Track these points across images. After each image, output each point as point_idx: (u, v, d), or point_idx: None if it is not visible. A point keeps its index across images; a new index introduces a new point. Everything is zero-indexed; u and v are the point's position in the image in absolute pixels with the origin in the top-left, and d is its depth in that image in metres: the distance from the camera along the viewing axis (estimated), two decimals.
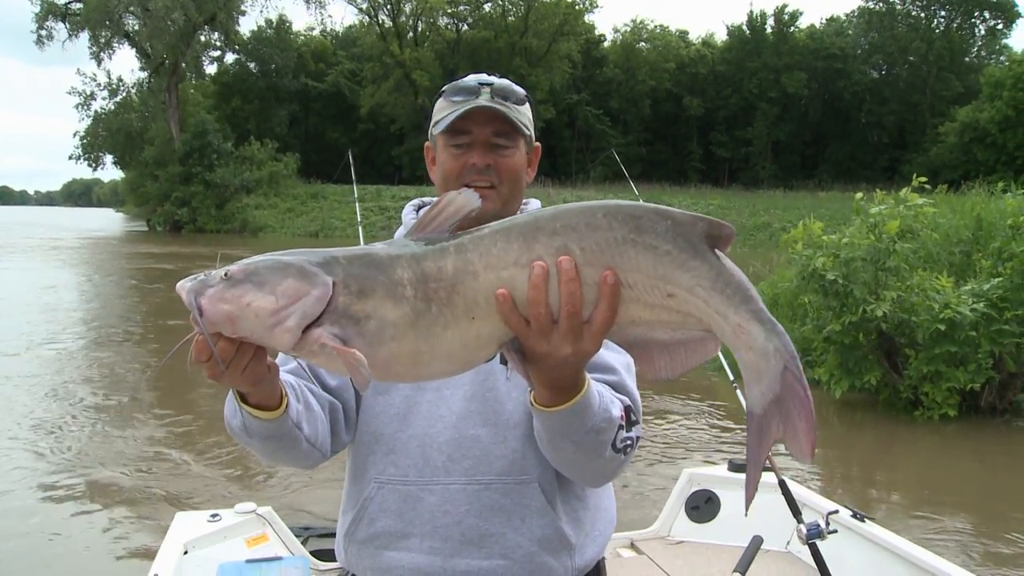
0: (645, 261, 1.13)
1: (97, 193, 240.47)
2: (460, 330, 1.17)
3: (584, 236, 1.14)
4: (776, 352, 1.13)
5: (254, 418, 1.42)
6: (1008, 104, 48.51)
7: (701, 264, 1.12)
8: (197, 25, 52.44)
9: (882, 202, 8.63)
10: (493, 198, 1.72)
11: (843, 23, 66.40)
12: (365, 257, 1.18)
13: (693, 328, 1.16)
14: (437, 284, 1.16)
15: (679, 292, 1.13)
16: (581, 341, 1.18)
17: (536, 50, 59.65)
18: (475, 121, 1.72)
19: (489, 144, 1.73)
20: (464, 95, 1.73)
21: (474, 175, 1.72)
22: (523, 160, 1.80)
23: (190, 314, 1.14)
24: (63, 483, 6.82)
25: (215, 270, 1.16)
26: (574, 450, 1.48)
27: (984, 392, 8.48)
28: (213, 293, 1.13)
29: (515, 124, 1.73)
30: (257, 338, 1.15)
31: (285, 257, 1.18)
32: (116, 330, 14.88)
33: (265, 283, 1.14)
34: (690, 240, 1.12)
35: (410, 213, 1.89)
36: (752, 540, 3.20)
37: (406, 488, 1.68)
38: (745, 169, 62.24)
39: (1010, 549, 5.92)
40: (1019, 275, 8.24)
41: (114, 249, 38.49)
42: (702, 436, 8.29)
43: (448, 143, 1.75)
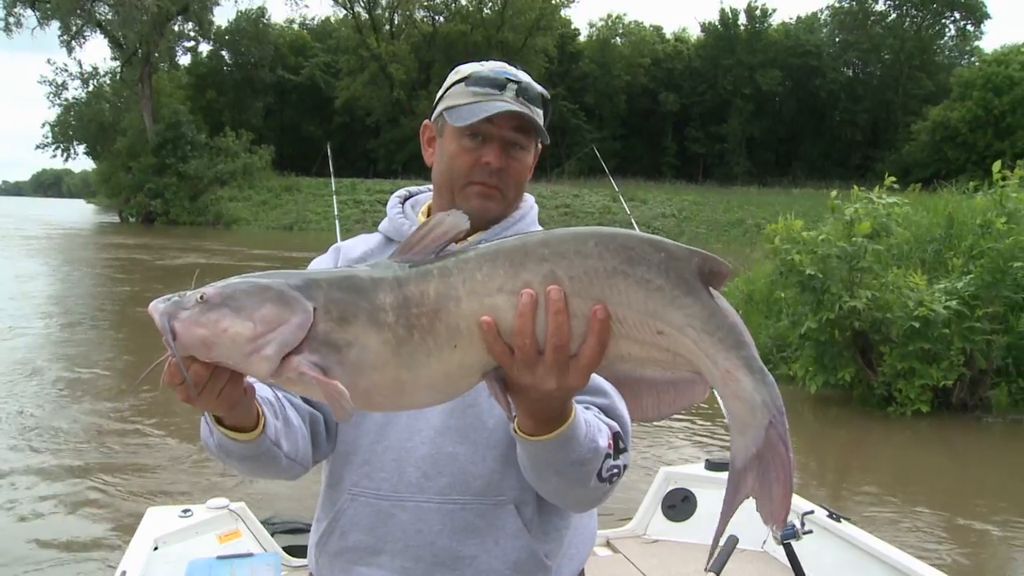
0: (636, 295, 1.07)
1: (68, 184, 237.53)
2: (443, 359, 1.11)
3: (573, 264, 1.08)
4: (763, 405, 1.06)
5: (231, 440, 1.37)
6: (978, 104, 49.13)
7: (694, 302, 1.06)
8: (170, 15, 51.88)
9: (857, 199, 8.69)
10: (498, 199, 1.69)
11: (816, 21, 66.86)
12: (346, 281, 1.12)
13: (683, 369, 1.10)
14: (419, 310, 1.10)
15: (669, 330, 1.07)
16: (567, 376, 1.12)
17: (512, 44, 59.53)
18: (498, 117, 1.63)
19: (505, 143, 1.65)
20: (489, 87, 1.63)
21: (485, 175, 1.65)
22: (532, 162, 1.76)
23: (162, 336, 1.09)
24: (30, 477, 6.73)
25: (190, 291, 1.12)
26: (558, 480, 1.43)
27: (956, 389, 8.57)
28: (188, 316, 1.08)
29: (537, 129, 1.66)
30: (233, 364, 1.11)
31: (264, 280, 1.13)
32: (86, 322, 14.73)
33: (243, 308, 1.09)
34: (683, 275, 1.06)
35: (396, 206, 1.85)
36: (727, 539, 3.19)
37: (379, 503, 1.62)
38: (719, 165, 62.51)
39: (980, 541, 6.03)
40: (989, 273, 8.33)
41: (86, 240, 38.05)
42: (679, 434, 8.32)
43: (462, 133, 1.65)
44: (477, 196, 1.67)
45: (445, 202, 1.71)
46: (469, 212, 1.52)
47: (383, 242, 1.81)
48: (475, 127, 1.62)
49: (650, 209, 41.20)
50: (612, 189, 42.65)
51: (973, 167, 44.81)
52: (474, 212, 1.59)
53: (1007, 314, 8.49)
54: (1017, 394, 8.92)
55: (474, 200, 1.66)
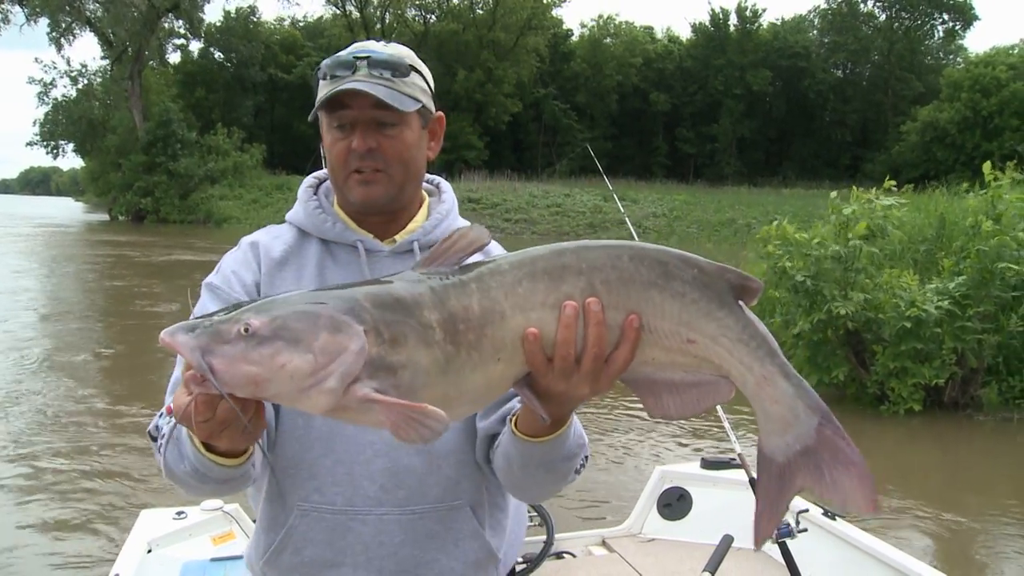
0: (671, 307, 1.12)
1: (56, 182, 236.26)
2: (486, 372, 1.13)
3: (609, 278, 1.12)
4: (807, 409, 1.13)
5: (217, 465, 1.30)
6: (966, 105, 49.40)
7: (728, 315, 1.13)
8: (160, 12, 51.66)
9: (856, 199, 8.74)
10: (384, 182, 1.62)
11: (805, 21, 67.06)
12: (389, 299, 1.09)
13: (707, 373, 1.15)
14: (465, 326, 1.10)
15: (702, 339, 1.13)
16: (599, 382, 1.16)
17: (504, 44, 59.52)
18: (354, 97, 1.57)
19: (372, 122, 1.58)
20: (340, 70, 1.58)
21: (358, 161, 1.60)
22: (415, 137, 1.65)
23: (191, 371, 1.01)
24: (22, 479, 6.69)
25: (218, 317, 1.03)
26: (544, 476, 1.47)
27: (947, 387, 8.62)
28: (233, 353, 1.00)
29: (397, 98, 1.56)
30: (284, 400, 1.04)
31: (311, 306, 1.06)
32: (76, 320, 14.65)
33: (299, 340, 1.02)
34: (716, 290, 1.13)
35: (311, 197, 1.75)
36: (723, 539, 3.20)
37: (334, 517, 1.57)
38: (710, 165, 62.63)
39: (972, 537, 6.07)
40: (979, 273, 8.38)
41: (76, 238, 37.87)
42: (674, 433, 8.33)
43: (330, 124, 1.62)
44: (357, 184, 1.62)
45: (340, 197, 1.71)
46: (356, 202, 1.65)
47: (298, 236, 1.72)
48: (340, 116, 1.59)
49: (641, 209, 41.19)
50: (603, 188, 42.79)
51: (962, 168, 45.08)
52: (360, 200, 1.63)
53: (997, 314, 8.53)
54: (1007, 392, 8.96)
55: (356, 188, 1.63)
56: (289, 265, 1.67)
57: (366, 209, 1.67)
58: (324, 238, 1.70)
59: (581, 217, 41.02)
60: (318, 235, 1.70)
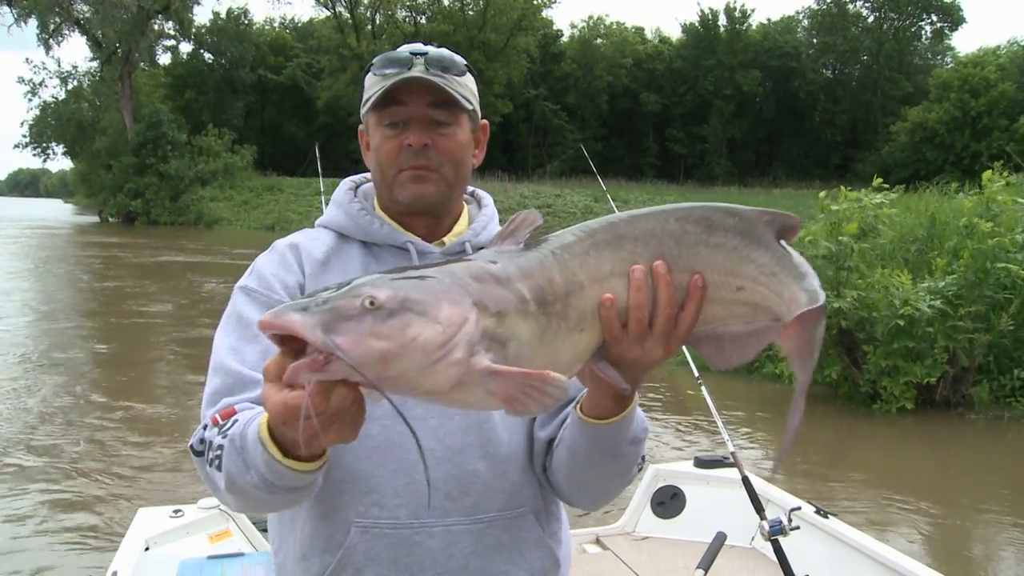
0: (718, 259, 1.16)
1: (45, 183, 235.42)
2: (572, 343, 1.13)
3: (664, 241, 1.16)
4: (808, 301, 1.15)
5: (294, 472, 1.17)
6: (955, 105, 49.63)
7: (764, 254, 1.16)
8: (150, 13, 51.50)
9: (846, 199, 8.78)
10: (436, 180, 1.58)
11: (794, 22, 67.25)
12: (484, 273, 1.07)
13: (762, 318, 1.18)
14: (553, 297, 1.10)
15: (747, 284, 1.17)
16: (670, 343, 1.18)
17: (494, 44, 59.51)
18: (409, 94, 1.54)
19: (427, 120, 1.55)
20: (395, 67, 1.54)
21: (412, 158, 1.56)
22: (467, 139, 1.62)
23: (304, 360, 0.94)
24: (18, 477, 6.67)
25: (326, 293, 0.97)
26: (612, 465, 1.46)
27: (939, 386, 8.66)
28: (360, 329, 0.94)
29: (453, 96, 1.55)
30: (408, 377, 0.98)
31: (428, 278, 1.03)
32: (70, 319, 14.61)
33: (427, 310, 0.98)
34: (755, 233, 1.17)
35: (353, 199, 1.71)
36: (716, 536, 3.22)
37: (398, 532, 1.48)
38: (700, 166, 62.73)
39: (964, 535, 6.12)
40: (972, 273, 8.42)
41: (67, 240, 37.73)
42: (667, 431, 8.36)
43: (380, 122, 1.58)
44: (409, 181, 1.58)
45: (385, 197, 1.67)
46: (407, 200, 1.60)
47: (337, 239, 1.67)
48: (385, 101, 1.54)
49: (632, 209, 41.26)
50: (594, 189, 42.84)
51: (951, 168, 45.29)
52: (411, 198, 1.59)
53: (988, 313, 8.58)
54: (998, 391, 9.01)
55: (408, 186, 1.58)
56: (332, 267, 1.61)
57: (416, 208, 1.62)
58: (368, 240, 1.65)
59: (572, 218, 41.05)
60: (361, 237, 1.66)
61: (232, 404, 1.40)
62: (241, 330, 1.52)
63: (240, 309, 1.55)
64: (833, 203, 8.80)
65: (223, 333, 1.55)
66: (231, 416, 1.35)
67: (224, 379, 1.46)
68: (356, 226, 1.66)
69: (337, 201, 1.72)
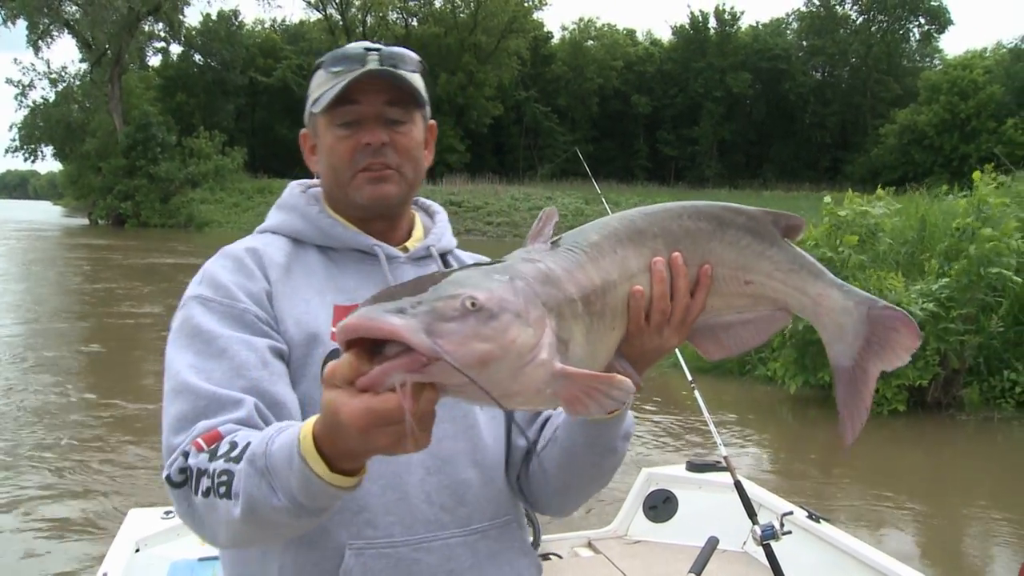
0: (729, 254, 1.23)
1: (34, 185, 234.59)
2: (607, 340, 1.16)
3: (678, 237, 1.22)
4: (857, 304, 1.24)
5: (336, 488, 1.06)
6: (944, 108, 49.91)
7: (778, 251, 1.24)
8: (140, 15, 51.34)
9: (851, 203, 8.88)
10: (396, 180, 1.52)
11: (784, 24, 67.53)
12: (540, 275, 1.05)
13: (762, 308, 1.27)
14: (596, 297, 1.11)
15: (757, 278, 1.25)
16: (682, 332, 1.24)
17: (485, 47, 59.58)
18: (364, 92, 1.47)
19: (382, 119, 1.49)
20: (347, 64, 1.48)
21: (369, 157, 1.49)
22: (421, 137, 1.57)
23: (399, 360, 0.89)
24: (7, 478, 6.62)
25: (424, 295, 0.94)
26: (605, 461, 1.48)
27: (930, 388, 8.69)
28: (463, 330, 0.91)
29: (412, 91, 1.50)
30: (501, 380, 0.94)
31: (507, 279, 1.01)
32: (59, 320, 14.54)
33: (520, 312, 0.97)
34: (764, 231, 1.25)
35: (311, 202, 1.61)
36: (708, 541, 3.20)
37: (396, 551, 1.40)
38: (691, 168, 62.91)
39: (956, 538, 6.14)
40: (966, 276, 8.46)
41: (56, 242, 37.58)
42: (660, 435, 8.35)
43: (333, 123, 1.51)
44: (368, 182, 1.51)
45: (339, 202, 1.58)
46: (366, 202, 1.53)
47: (292, 244, 1.57)
48: (347, 112, 1.48)
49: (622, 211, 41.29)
50: (585, 191, 42.89)
51: (940, 169, 45.54)
52: (371, 200, 1.52)
53: (979, 315, 8.61)
54: (988, 392, 9.05)
55: (367, 188, 1.51)
56: (294, 273, 1.52)
57: (375, 210, 1.56)
58: (328, 245, 1.57)
59: (564, 220, 40.63)
60: (321, 242, 1.57)
61: (214, 427, 1.25)
62: (201, 345, 1.37)
63: (198, 321, 1.41)
64: (839, 208, 8.88)
65: (179, 349, 1.39)
66: (218, 440, 1.23)
67: (193, 401, 1.31)
68: (316, 230, 1.57)
69: (290, 205, 1.63)
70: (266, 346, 1.39)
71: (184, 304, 1.46)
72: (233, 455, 1.17)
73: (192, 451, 1.23)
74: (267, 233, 1.62)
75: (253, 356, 1.36)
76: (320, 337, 1.43)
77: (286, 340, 1.42)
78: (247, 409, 1.30)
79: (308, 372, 1.42)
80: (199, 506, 1.21)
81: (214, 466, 1.19)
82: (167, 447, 1.30)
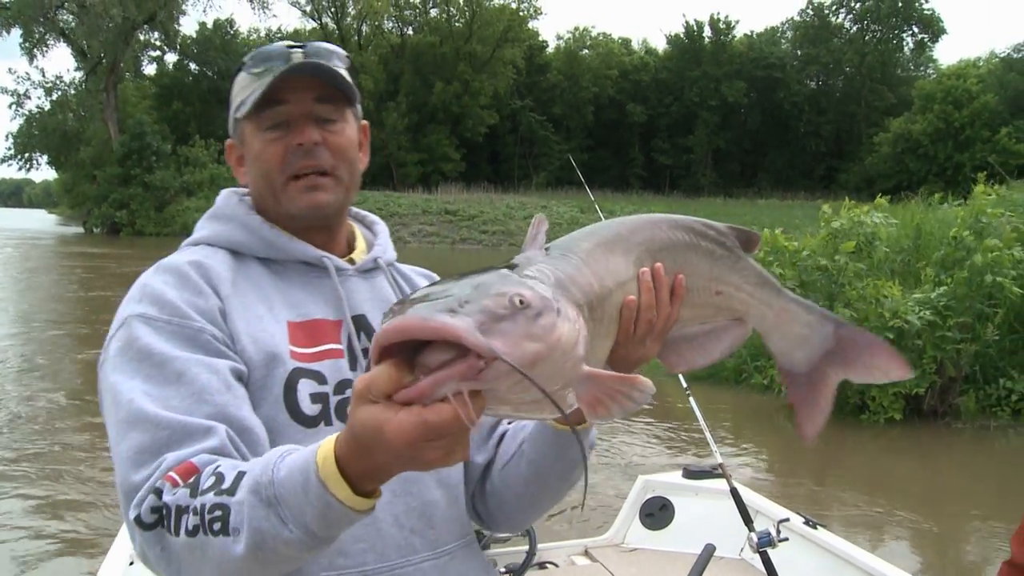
0: (704, 265, 1.28)
1: (28, 194, 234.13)
2: (604, 348, 1.18)
3: (661, 246, 1.25)
4: (822, 320, 1.32)
5: (355, 512, 1.01)
6: (938, 117, 50.16)
7: (745, 265, 1.30)
8: (136, 24, 51.38)
9: (847, 211, 8.92)
10: (332, 187, 1.43)
11: (778, 33, 67.76)
12: (552, 279, 1.03)
13: (723, 319, 1.32)
14: (596, 302, 1.10)
15: (727, 289, 1.30)
16: (661, 341, 1.25)
17: (481, 56, 59.71)
18: (290, 90, 1.38)
19: (313, 118, 1.40)
20: (270, 63, 1.39)
21: (302, 159, 1.40)
22: (355, 136, 1.48)
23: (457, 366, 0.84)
24: (2, 485, 6.59)
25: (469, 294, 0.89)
26: (576, 471, 1.45)
27: (927, 396, 8.69)
28: (515, 329, 0.87)
29: (343, 86, 1.41)
30: (547, 377, 0.90)
31: (541, 279, 1.00)
32: (54, 328, 14.50)
33: (562, 310, 0.95)
34: (731, 245, 1.30)
35: (250, 211, 1.49)
36: (704, 548, 3.19)
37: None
38: (686, 176, 63.02)
39: (953, 545, 6.15)
40: (963, 285, 8.48)
41: (52, 250, 37.50)
42: (656, 442, 8.34)
43: (260, 127, 1.41)
44: (303, 190, 1.42)
45: (269, 212, 1.48)
46: (301, 211, 1.43)
47: (231, 257, 1.45)
48: (274, 114, 1.39)
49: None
50: (580, 200, 42.92)
51: (935, 178, 45.68)
52: (307, 208, 1.43)
53: (975, 323, 8.63)
54: (984, 401, 9.04)
55: (301, 196, 1.42)
56: (241, 288, 1.41)
57: (311, 220, 1.46)
58: (271, 257, 1.47)
59: (559, 228, 41.00)
60: (263, 254, 1.46)
61: (185, 459, 1.14)
62: (151, 369, 1.25)
63: (145, 343, 1.27)
64: (835, 217, 8.94)
65: (124, 375, 1.26)
66: (195, 473, 1.12)
67: (153, 432, 1.18)
68: (259, 241, 1.46)
69: (227, 214, 1.50)
70: (227, 368, 1.28)
71: (123, 324, 1.33)
72: (224, 488, 1.07)
73: (166, 487, 1.11)
74: (202, 245, 1.48)
75: (215, 379, 1.25)
76: (280, 356, 1.34)
77: (244, 360, 1.32)
78: (219, 438, 1.19)
79: (269, 394, 1.32)
80: (178, 547, 1.09)
81: (201, 501, 1.07)
82: (127, 486, 1.17)
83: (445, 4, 61.16)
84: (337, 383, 1.38)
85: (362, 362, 1.42)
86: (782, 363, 1.35)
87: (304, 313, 1.42)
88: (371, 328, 1.46)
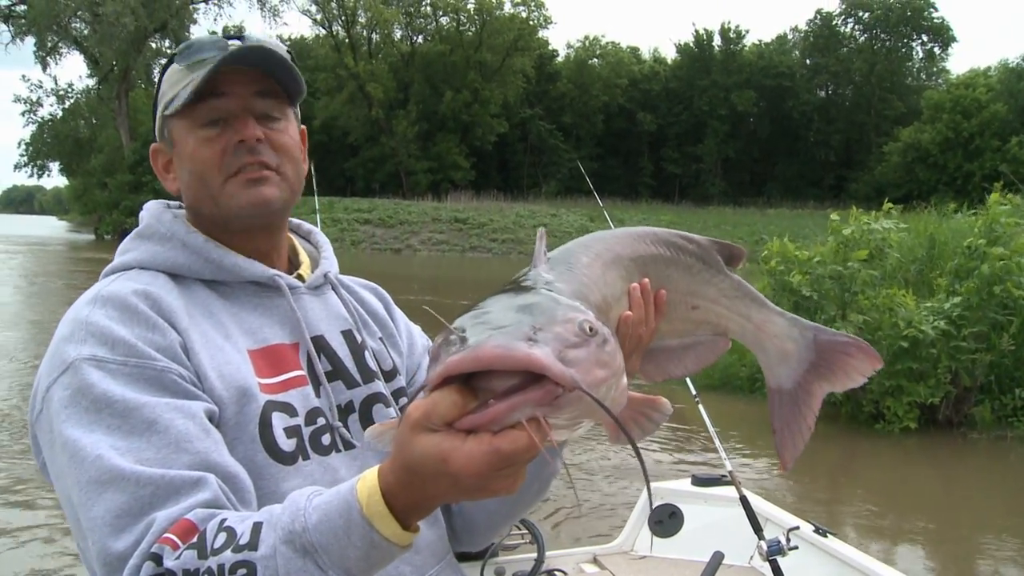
0: (682, 280, 1.27)
1: (40, 200, 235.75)
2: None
3: (646, 261, 1.24)
4: (802, 331, 1.30)
5: (399, 548, 0.97)
6: (948, 126, 50.11)
7: (723, 279, 1.29)
8: (148, 32, 51.74)
9: (855, 220, 8.90)
10: (277, 183, 1.31)
11: (787, 42, 67.75)
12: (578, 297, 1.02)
13: (702, 334, 1.30)
14: (605, 319, 1.08)
15: (704, 303, 1.29)
16: (641, 357, 1.22)
17: (490, 64, 59.87)
18: (229, 82, 1.28)
19: (254, 113, 1.29)
20: (204, 52, 1.29)
21: (245, 156, 1.28)
22: (298, 139, 1.38)
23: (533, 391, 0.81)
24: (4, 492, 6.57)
25: (538, 320, 0.87)
26: (548, 486, 1.44)
27: (942, 406, 8.64)
28: (587, 357, 0.86)
29: (291, 76, 1.32)
30: (611, 402, 0.90)
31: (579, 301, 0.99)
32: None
33: (611, 336, 0.95)
34: (711, 259, 1.30)
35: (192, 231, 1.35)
36: (713, 556, 3.17)
37: None
38: (695, 185, 63.03)
39: (966, 555, 6.07)
40: (977, 294, 8.44)
41: (64, 256, 37.66)
42: (665, 450, 8.30)
43: (194, 124, 1.29)
44: (245, 185, 1.29)
45: (206, 220, 1.35)
46: (243, 209, 1.30)
47: (171, 281, 1.31)
48: (211, 109, 1.28)
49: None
50: (590, 209, 42.96)
51: (944, 188, 45.62)
52: (249, 205, 1.30)
53: (990, 333, 8.58)
54: (1000, 411, 8.98)
55: (244, 193, 1.29)
56: (195, 317, 1.27)
57: (254, 220, 1.33)
58: (216, 278, 1.34)
59: (568, 237, 40.70)
60: (209, 275, 1.33)
61: (179, 516, 1.02)
62: (113, 420, 1.10)
63: (102, 391, 1.12)
64: (844, 225, 8.92)
65: (82, 428, 1.10)
66: (196, 531, 1.01)
67: (132, 491, 1.04)
68: (204, 262, 1.32)
69: (163, 234, 1.35)
70: (202, 410, 1.15)
71: (68, 370, 1.15)
72: (243, 543, 0.97)
73: (165, 551, 0.99)
74: (135, 270, 1.33)
75: (191, 424, 1.12)
76: (250, 391, 1.23)
77: (214, 399, 1.19)
78: (211, 489, 1.07)
79: (244, 433, 1.21)
80: None
81: (217, 562, 0.97)
82: (108, 556, 1.03)
83: (455, 13, 61.35)
84: (307, 412, 1.29)
85: (326, 386, 1.34)
86: (769, 381, 1.34)
87: (262, 339, 1.31)
88: (331, 349, 1.38)
